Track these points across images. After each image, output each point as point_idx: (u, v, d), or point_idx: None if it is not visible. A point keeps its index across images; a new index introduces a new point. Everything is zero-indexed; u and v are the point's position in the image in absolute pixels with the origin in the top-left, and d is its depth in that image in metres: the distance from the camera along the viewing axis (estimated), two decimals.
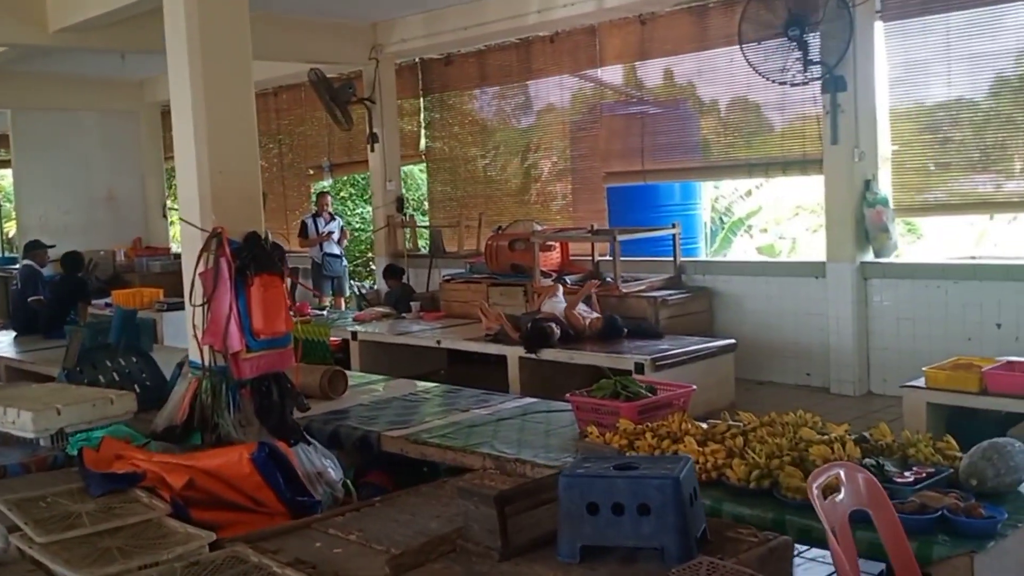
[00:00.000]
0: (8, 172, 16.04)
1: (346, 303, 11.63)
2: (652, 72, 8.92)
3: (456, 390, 5.58)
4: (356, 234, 14.75)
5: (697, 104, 8.61)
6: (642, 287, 7.82)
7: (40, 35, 8.56)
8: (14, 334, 8.90)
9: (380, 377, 6.26)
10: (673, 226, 8.22)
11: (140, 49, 10.11)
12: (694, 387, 4.57)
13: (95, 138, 13.70)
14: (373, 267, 15.19)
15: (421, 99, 11.15)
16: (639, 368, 6.22)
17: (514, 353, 6.97)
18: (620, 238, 7.78)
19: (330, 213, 11.52)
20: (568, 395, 4.53)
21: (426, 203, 11.97)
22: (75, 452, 3.58)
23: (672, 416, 3.98)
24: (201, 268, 4.01)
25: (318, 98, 10.59)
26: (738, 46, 7.38)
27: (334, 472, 4.19)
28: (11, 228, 18.05)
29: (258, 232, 4.15)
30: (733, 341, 6.98)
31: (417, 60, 10.93)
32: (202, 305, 3.99)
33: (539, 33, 9.53)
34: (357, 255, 14.63)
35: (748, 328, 7.69)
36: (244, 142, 4.17)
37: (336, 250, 11.42)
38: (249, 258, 4.00)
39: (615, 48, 9.06)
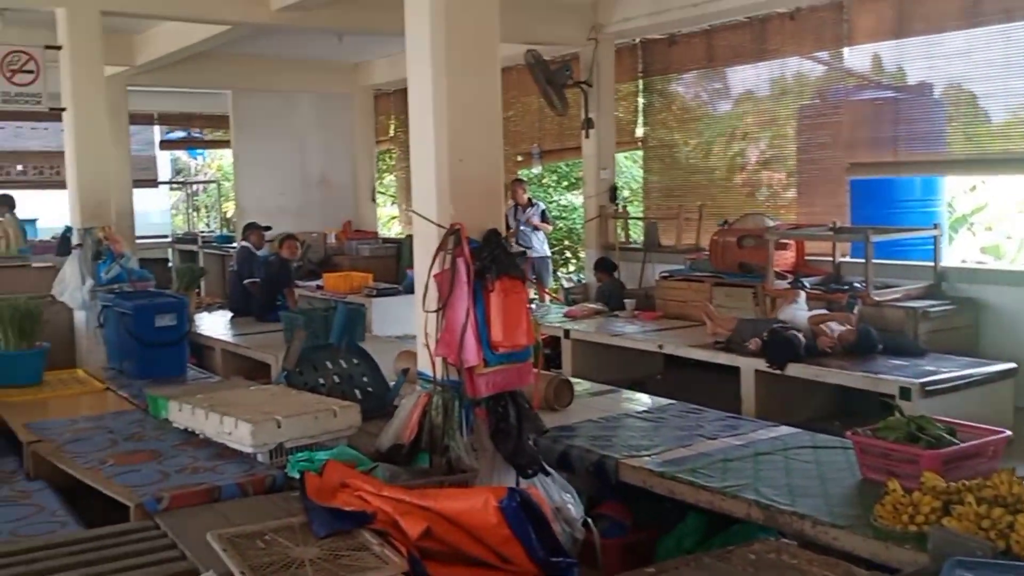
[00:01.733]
0: (228, 152, 16.62)
1: (551, 297, 11.16)
2: (907, 52, 7.88)
3: (697, 410, 4.95)
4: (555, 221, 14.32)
5: (956, 90, 7.53)
6: (897, 295, 6.87)
7: (263, 13, 8.54)
8: (231, 315, 8.98)
9: (606, 387, 5.70)
10: (934, 227, 7.21)
11: (358, 30, 10.01)
12: (1008, 433, 3.74)
13: (310, 120, 13.86)
14: (569, 256, 14.75)
15: (640, 82, 10.48)
16: (905, 393, 5.36)
17: (749, 366, 6.22)
18: (874, 239, 6.85)
19: (529, 199, 11.08)
20: (848, 433, 3.82)
21: (628, 193, 11.32)
22: (296, 474, 3.20)
23: (999, 475, 3.18)
24: (436, 269, 3.55)
25: (534, 81, 10.13)
26: None
27: (574, 508, 3.67)
28: (229, 208, 18.74)
29: (498, 229, 3.65)
30: (1014, 365, 5.96)
31: (637, 41, 10.27)
32: (436, 312, 3.53)
33: (777, 10, 8.66)
34: (554, 243, 14.21)
35: None
36: (487, 128, 3.69)
37: (536, 240, 10.94)
38: (489, 260, 3.51)
39: (867, 25, 8.08)
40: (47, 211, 18.71)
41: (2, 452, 4.32)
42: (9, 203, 12.31)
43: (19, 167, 15.84)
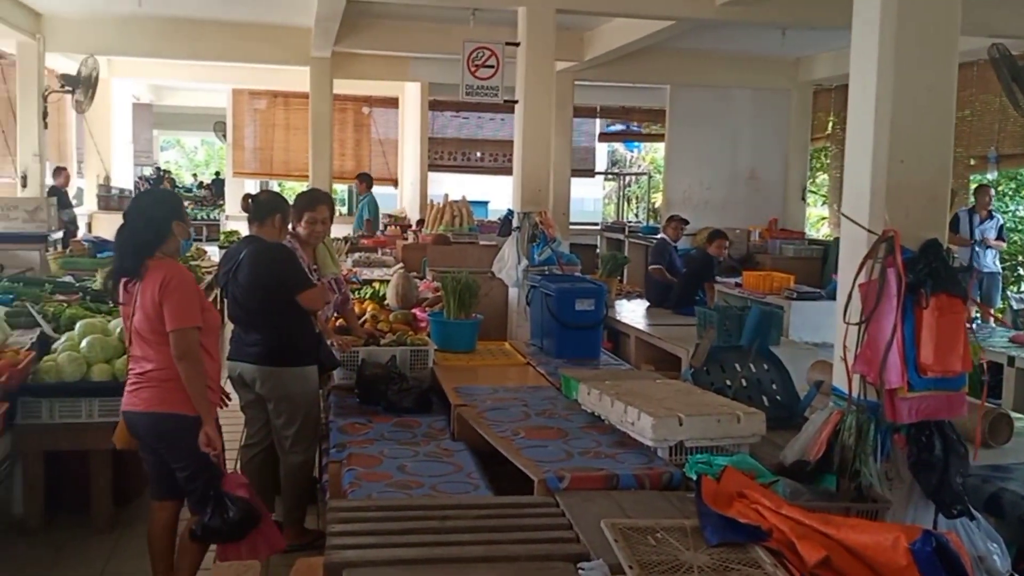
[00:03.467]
0: (661, 146, 16.97)
1: (995, 317, 9.97)
2: None
3: None
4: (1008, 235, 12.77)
5: None
6: None
7: (708, 9, 8.56)
8: (647, 304, 9.16)
9: None
10: None
11: (802, 25, 9.67)
12: None
13: (745, 115, 13.70)
14: (1022, 273, 13.07)
15: None
16: None
17: None
18: None
19: (988, 211, 9.95)
20: None
21: None
22: (693, 475, 3.13)
23: None
24: (863, 279, 3.27)
25: (997, 78, 9.09)
26: None
27: (999, 560, 3.21)
28: (657, 200, 19.14)
29: (939, 240, 3.28)
30: None
31: None
32: (859, 324, 3.26)
33: None
34: (1005, 258, 12.68)
35: None
36: (937, 128, 3.31)
37: (987, 256, 9.84)
38: (926, 273, 3.17)
39: None
40: (497, 195, 20.44)
41: (439, 411, 4.77)
42: (368, 181, 13.81)
43: (478, 154, 17.49)
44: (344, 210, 17.97)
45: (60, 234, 10.66)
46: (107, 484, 4.98)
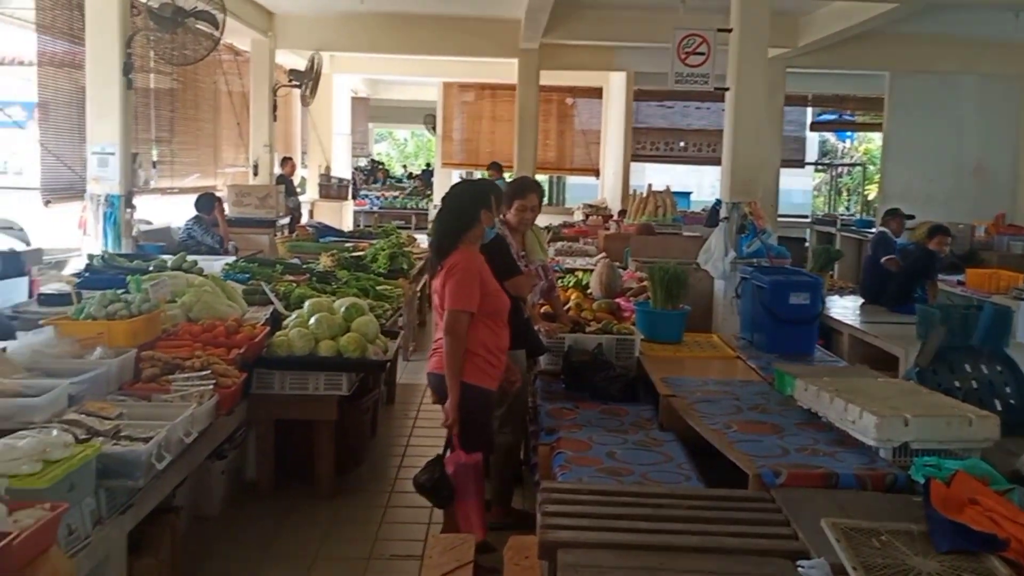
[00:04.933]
0: (876, 136, 16.15)
1: None
2: None
3: None
4: None
5: None
6: None
7: None
8: (862, 301, 8.77)
9: None
10: None
11: None
12: None
13: (971, 104, 12.84)
14: None
15: None
16: None
17: None
18: None
19: None
20: None
21: None
22: (920, 479, 2.98)
23: None
24: None
25: None
26: None
27: None
28: (871, 191, 18.25)
29: None
30: None
31: None
32: None
33: None
34: None
35: None
36: None
37: None
38: None
39: None
40: (700, 185, 20.12)
41: (644, 400, 4.77)
42: (498, 169, 13.73)
43: (681, 143, 17.27)
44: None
45: (287, 220, 11.41)
46: (330, 453, 5.30)
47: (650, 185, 12.65)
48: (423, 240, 12.59)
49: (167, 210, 10.34)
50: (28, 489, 2.89)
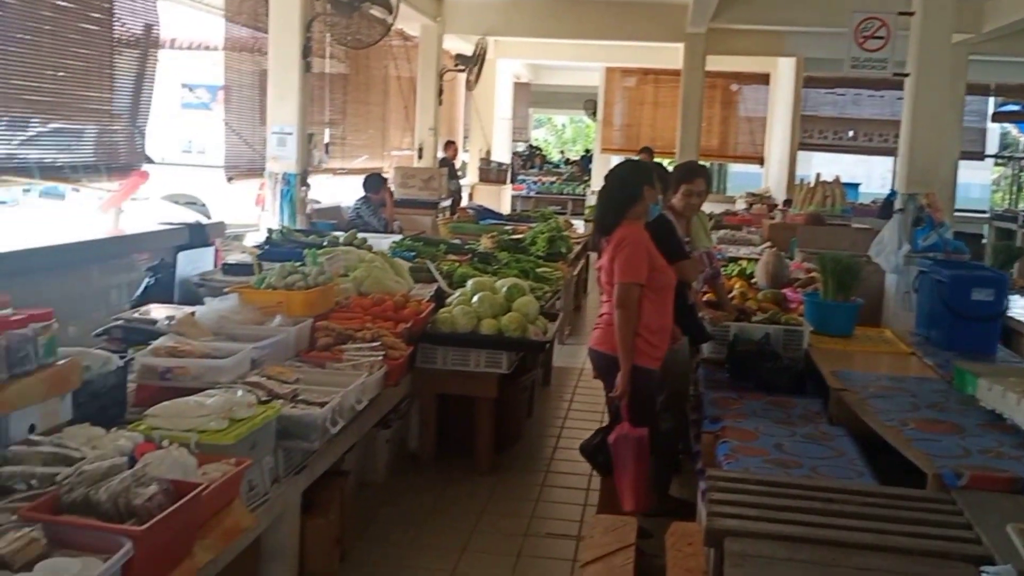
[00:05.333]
0: None
1: None
2: None
3: None
4: None
5: None
6: None
7: None
8: None
9: None
10: None
11: None
12: None
13: None
14: None
15: None
16: None
17: None
18: None
19: None
20: None
21: None
22: None
23: None
24: None
25: None
26: None
27: None
28: None
29: None
30: None
31: None
32: None
33: None
34: None
35: None
36: None
37: None
38: None
39: None
40: (869, 177, 19.29)
41: (812, 393, 4.62)
42: (650, 154, 13.23)
43: (850, 133, 16.59)
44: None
45: (448, 202, 11.63)
46: (489, 430, 5.39)
47: (818, 175, 12.24)
48: (580, 226, 12.62)
49: (336, 190, 10.72)
50: (215, 444, 3.07)
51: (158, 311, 4.67)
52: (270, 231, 7.19)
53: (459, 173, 14.41)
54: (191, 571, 2.62)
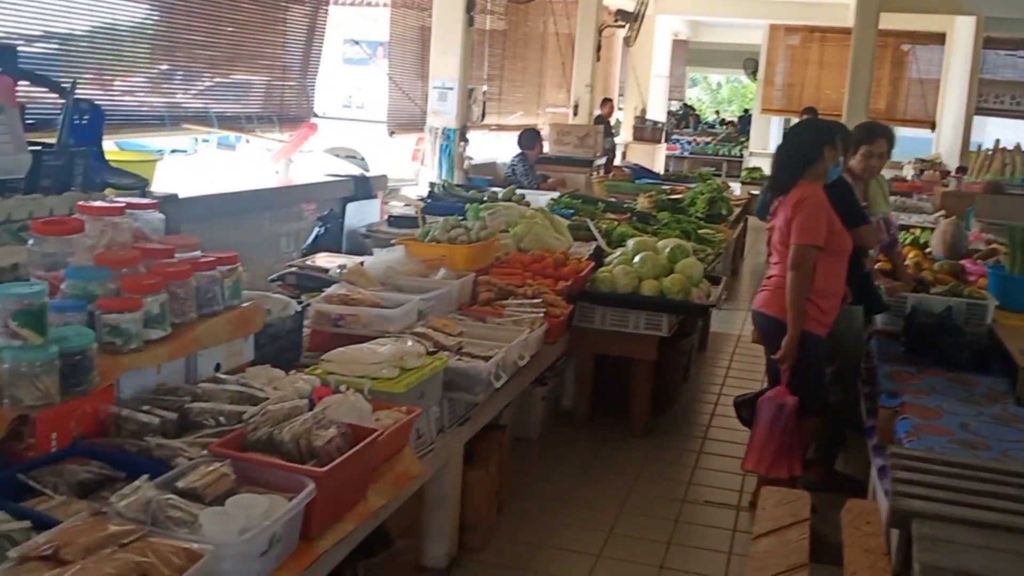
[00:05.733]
0: None
1: None
2: None
3: None
4: None
5: None
6: None
7: None
8: None
9: None
10: None
11: None
12: None
13: None
14: None
15: None
16: None
17: None
18: None
19: None
20: None
21: None
22: None
23: None
24: None
25: None
26: None
27: None
28: None
29: None
30: None
31: None
32: None
33: None
34: None
35: None
36: None
37: None
38: None
39: None
40: None
41: (997, 371, 4.33)
42: (812, 115, 12.31)
43: None
44: None
45: (603, 160, 11.49)
46: (646, 392, 5.31)
47: (997, 141, 11.45)
48: (736, 188, 12.24)
49: (490, 146, 10.76)
50: (386, 392, 3.11)
51: (327, 259, 4.79)
52: (432, 185, 7.27)
53: (613, 131, 14.22)
54: (365, 514, 2.67)
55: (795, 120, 19.08)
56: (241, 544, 2.03)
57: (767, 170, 13.39)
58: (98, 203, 2.95)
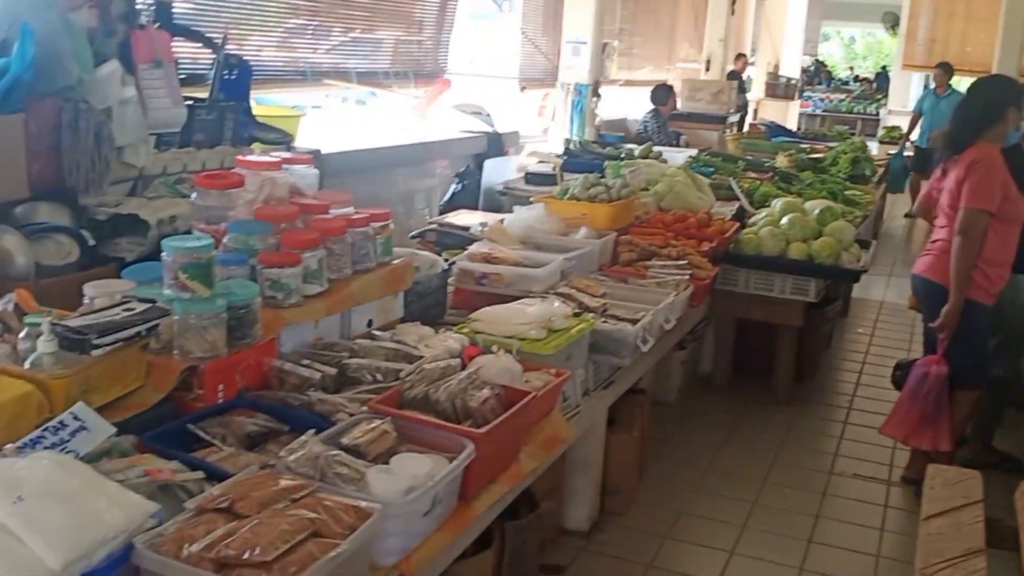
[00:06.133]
0: None
1: None
2: None
3: None
4: None
5: None
6: None
7: None
8: None
9: None
10: None
11: None
12: None
13: None
14: None
15: None
16: None
17: None
18: None
19: None
20: None
21: None
22: None
23: None
24: None
25: None
26: None
27: None
28: None
29: None
30: None
31: None
32: None
33: None
34: None
35: None
36: None
37: None
38: None
39: None
40: None
41: None
42: (949, 72, 11.28)
43: None
44: None
45: (736, 117, 11.13)
46: (790, 359, 5.13)
47: None
48: (873, 148, 11.68)
49: (618, 102, 10.53)
50: (534, 353, 3.05)
51: (466, 217, 4.75)
52: (567, 141, 7.15)
53: (745, 87, 13.75)
54: (518, 477, 2.62)
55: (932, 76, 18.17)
56: (407, 504, 2.01)
57: (905, 128, 12.83)
58: (255, 157, 2.96)
